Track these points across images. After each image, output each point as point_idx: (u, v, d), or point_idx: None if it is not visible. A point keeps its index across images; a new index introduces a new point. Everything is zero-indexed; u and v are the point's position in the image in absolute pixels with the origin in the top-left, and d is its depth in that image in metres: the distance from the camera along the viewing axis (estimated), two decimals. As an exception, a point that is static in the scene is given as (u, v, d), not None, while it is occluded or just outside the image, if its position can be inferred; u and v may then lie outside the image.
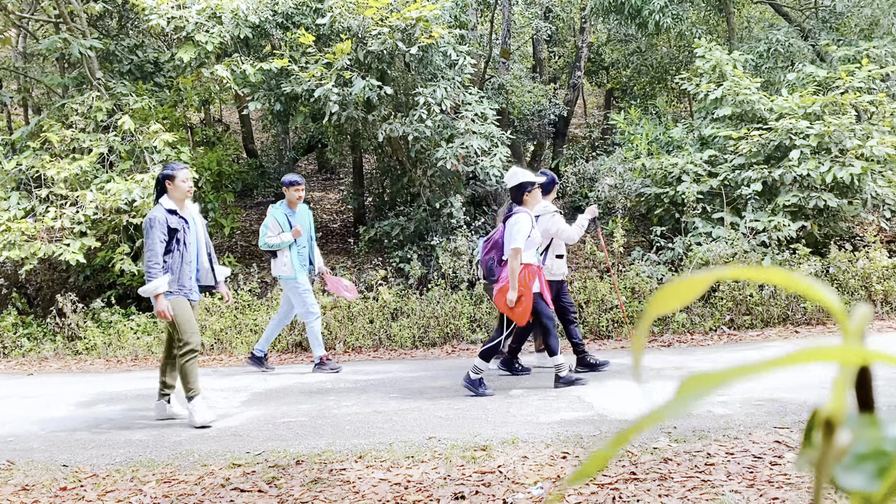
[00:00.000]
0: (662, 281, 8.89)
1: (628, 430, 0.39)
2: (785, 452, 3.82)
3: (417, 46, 9.36)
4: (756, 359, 0.40)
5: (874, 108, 9.44)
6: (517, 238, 5.53)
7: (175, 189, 5.33)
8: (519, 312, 5.57)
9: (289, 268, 7.09)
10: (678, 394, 0.38)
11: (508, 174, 5.95)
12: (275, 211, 7.22)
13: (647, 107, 14.06)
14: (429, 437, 4.62)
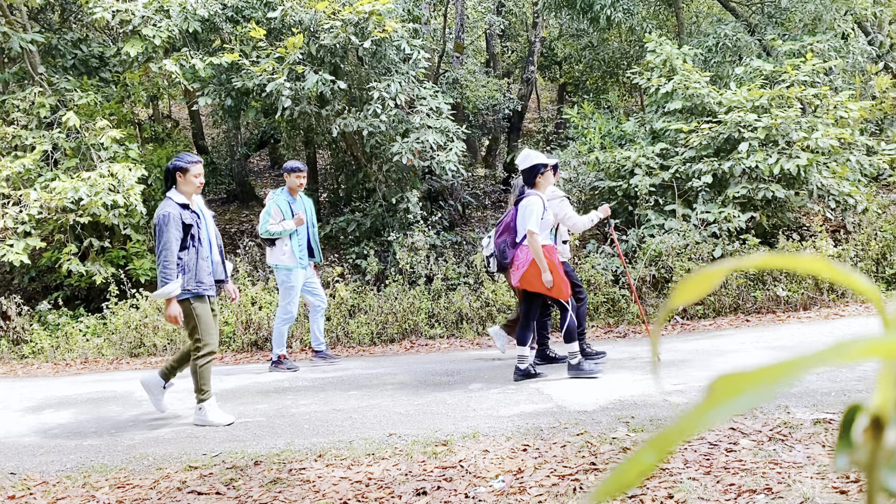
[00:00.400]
0: (616, 273, 9.01)
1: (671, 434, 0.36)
2: (740, 439, 3.90)
3: (371, 40, 9.29)
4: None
5: (819, 102, 9.69)
6: (531, 220, 5.54)
7: (186, 183, 5.13)
8: (556, 291, 5.59)
9: (287, 257, 6.91)
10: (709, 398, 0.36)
11: (521, 156, 5.90)
12: (277, 198, 6.99)
13: (599, 101, 14.21)
14: (389, 433, 4.59)
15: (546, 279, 5.49)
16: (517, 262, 5.69)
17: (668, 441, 0.36)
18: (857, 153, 9.60)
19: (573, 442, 4.10)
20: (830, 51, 10.41)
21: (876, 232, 9.20)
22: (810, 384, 4.89)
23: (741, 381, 0.35)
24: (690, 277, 0.41)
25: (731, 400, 0.35)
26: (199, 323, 5.10)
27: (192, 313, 5.08)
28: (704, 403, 0.36)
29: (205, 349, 5.11)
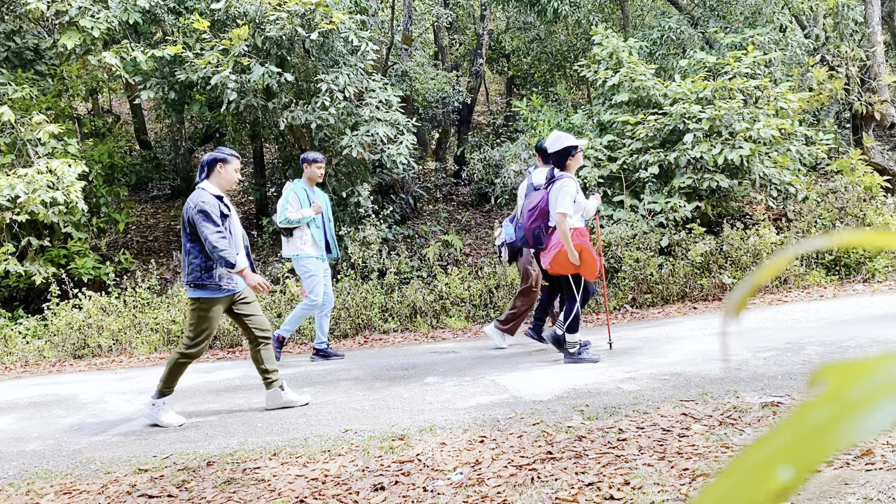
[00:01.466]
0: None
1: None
2: (692, 424, 3.97)
3: (318, 32, 9.16)
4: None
5: (760, 93, 9.93)
6: (565, 203, 5.52)
7: (225, 175, 5.05)
8: (585, 269, 5.60)
9: (308, 246, 6.76)
10: (830, 390, 0.31)
11: (551, 138, 5.81)
12: (294, 186, 6.82)
13: (548, 94, 14.32)
14: (345, 429, 4.55)
15: (573, 258, 5.52)
16: (550, 245, 5.70)
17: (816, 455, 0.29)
18: (797, 143, 9.88)
19: (529, 432, 4.12)
20: (770, 43, 10.68)
21: (816, 219, 9.50)
22: (757, 369, 5.02)
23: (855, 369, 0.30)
24: (774, 261, 0.38)
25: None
26: (204, 326, 4.98)
27: (205, 314, 4.97)
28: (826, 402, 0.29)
29: (191, 351, 4.98)
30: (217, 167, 5.04)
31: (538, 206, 5.79)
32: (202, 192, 4.98)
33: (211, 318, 4.99)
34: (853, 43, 12.43)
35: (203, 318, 4.97)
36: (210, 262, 4.93)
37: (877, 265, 9.03)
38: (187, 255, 4.98)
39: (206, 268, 4.93)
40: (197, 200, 4.91)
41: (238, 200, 14.29)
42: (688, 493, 2.93)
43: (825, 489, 2.70)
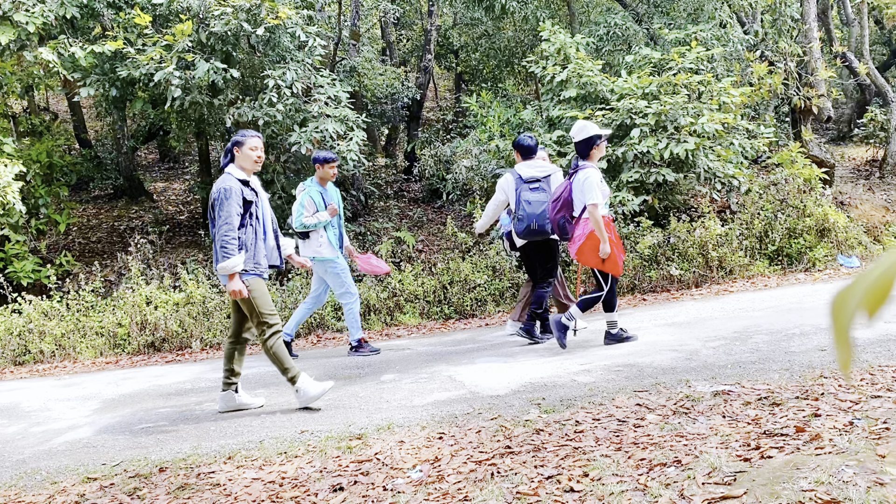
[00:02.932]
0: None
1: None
2: (646, 414, 4.03)
3: (264, 27, 9.01)
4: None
5: (703, 88, 10.15)
6: (594, 193, 5.55)
7: (243, 157, 4.89)
8: (610, 264, 5.64)
9: (326, 248, 6.64)
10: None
11: (577, 127, 5.83)
12: (310, 189, 6.69)
13: (497, 90, 14.37)
14: (301, 430, 4.48)
15: (604, 250, 5.55)
16: (576, 236, 5.72)
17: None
18: (740, 137, 10.12)
19: (488, 427, 4.13)
20: (712, 39, 10.91)
21: (758, 211, 9.75)
22: (707, 358, 5.12)
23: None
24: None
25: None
26: (260, 302, 4.86)
27: (251, 294, 4.83)
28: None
29: (269, 330, 4.88)
30: (234, 151, 4.94)
31: (562, 197, 5.83)
32: (227, 176, 4.86)
33: (257, 295, 4.86)
34: (790, 39, 12.80)
35: (255, 297, 4.85)
36: (241, 246, 4.82)
37: (817, 255, 9.32)
38: (213, 242, 4.87)
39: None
40: (220, 186, 4.79)
41: (183, 200, 13.99)
42: (646, 483, 2.96)
43: (778, 475, 2.76)
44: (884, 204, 11.50)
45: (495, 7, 11.80)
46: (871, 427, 3.25)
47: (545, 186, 6.22)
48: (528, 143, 6.42)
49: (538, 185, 6.24)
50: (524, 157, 6.44)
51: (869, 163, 13.74)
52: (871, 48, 14.25)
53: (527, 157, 6.42)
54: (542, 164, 6.38)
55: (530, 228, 6.18)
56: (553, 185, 6.24)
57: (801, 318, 6.18)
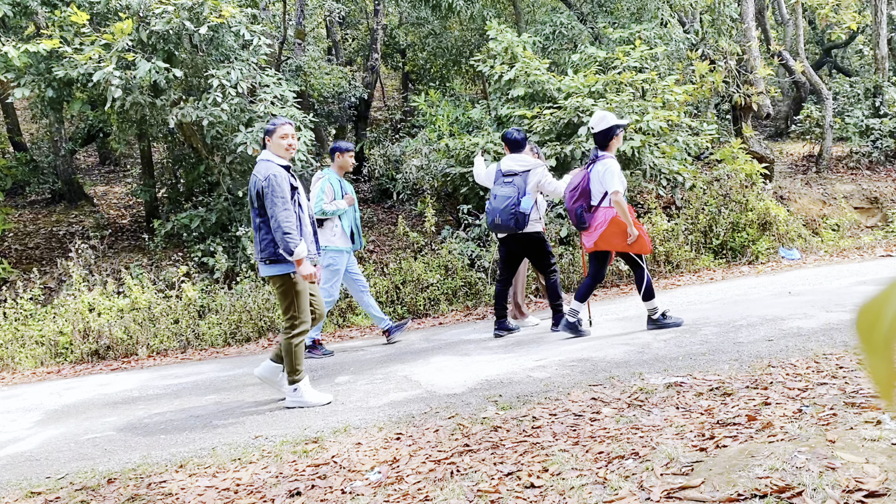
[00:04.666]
0: (472, 257, 9.16)
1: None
2: (602, 408, 4.06)
3: (207, 26, 8.82)
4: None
5: (647, 86, 10.32)
6: (615, 181, 5.67)
7: (275, 146, 4.84)
8: (639, 246, 5.77)
9: (339, 238, 6.54)
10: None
11: (597, 118, 5.89)
12: (329, 176, 6.58)
13: (445, 89, 14.37)
14: (255, 436, 4.39)
15: (632, 233, 5.68)
16: (594, 224, 5.79)
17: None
18: (683, 134, 10.33)
19: (445, 426, 4.11)
20: (656, 38, 11.11)
21: (703, 206, 9.97)
22: (659, 351, 5.20)
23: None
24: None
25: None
26: (298, 299, 4.83)
27: (294, 288, 4.79)
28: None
29: (300, 327, 4.85)
30: (266, 141, 4.89)
31: (580, 186, 5.88)
32: (269, 163, 4.77)
33: (299, 290, 4.83)
34: (730, 38, 13.12)
35: (289, 290, 4.81)
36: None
37: (760, 248, 9.57)
38: (258, 231, 4.79)
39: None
40: (267, 173, 4.69)
41: (125, 204, 13.61)
42: (606, 476, 2.98)
43: (734, 463, 2.81)
44: (821, 197, 11.88)
45: (442, 6, 11.79)
46: (819, 413, 3.33)
47: (519, 182, 6.25)
48: (515, 136, 6.47)
49: (512, 179, 6.29)
50: (511, 150, 6.49)
51: (806, 158, 14.18)
52: (805, 47, 14.72)
53: (513, 151, 6.48)
54: (525, 159, 6.40)
55: (494, 222, 6.28)
56: (531, 180, 6.28)
57: (747, 309, 6.33)
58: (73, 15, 8.51)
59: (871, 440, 2.80)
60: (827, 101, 13.21)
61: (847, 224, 11.07)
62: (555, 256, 6.59)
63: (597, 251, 5.96)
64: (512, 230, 6.27)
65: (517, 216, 6.14)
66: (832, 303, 6.07)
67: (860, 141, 13.12)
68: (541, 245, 6.47)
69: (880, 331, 0.36)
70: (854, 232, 11.00)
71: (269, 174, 4.68)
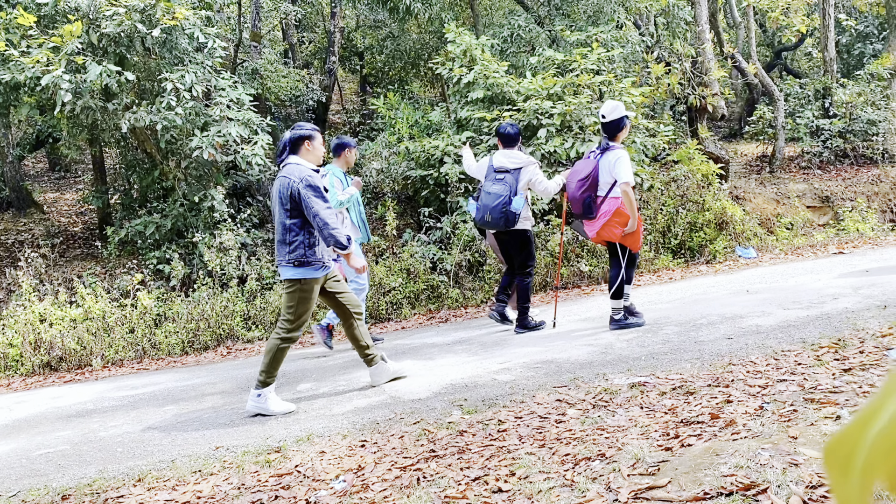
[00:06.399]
0: (434, 260, 9.12)
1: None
2: (567, 409, 4.06)
3: (160, 28, 8.64)
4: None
5: (605, 88, 10.41)
6: (627, 172, 5.71)
7: (313, 151, 4.92)
8: (631, 240, 5.85)
9: (350, 230, 6.47)
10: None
11: (609, 107, 5.90)
12: (335, 170, 6.50)
13: (404, 91, 14.31)
14: (216, 447, 4.29)
15: (631, 225, 5.75)
16: (599, 214, 5.85)
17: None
18: (641, 135, 10.44)
19: (411, 431, 4.07)
20: (612, 41, 11.22)
21: (661, 206, 10.09)
22: (622, 351, 5.23)
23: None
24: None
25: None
26: (305, 308, 4.88)
27: (307, 295, 4.85)
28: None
29: (291, 334, 4.90)
30: (304, 144, 4.90)
31: (589, 176, 5.88)
32: (298, 167, 4.80)
33: (311, 298, 4.88)
34: (684, 41, 13.33)
35: (304, 299, 4.85)
36: (313, 238, 4.77)
37: (717, 247, 9.73)
38: (287, 233, 4.79)
39: (310, 244, 4.79)
40: (303, 174, 4.74)
41: (77, 211, 13.26)
42: (573, 479, 2.97)
43: (699, 462, 2.83)
44: (774, 197, 12.13)
45: (399, 9, 11.74)
46: (779, 410, 3.37)
47: (510, 179, 6.24)
48: (509, 131, 6.41)
49: (503, 176, 6.27)
50: (504, 145, 6.46)
51: (760, 158, 14.48)
52: (756, 50, 15.02)
53: (506, 146, 6.43)
54: (517, 156, 6.36)
55: (483, 219, 6.29)
56: (523, 178, 6.27)
57: (706, 308, 6.41)
58: (20, 17, 8.25)
59: (832, 435, 2.84)
60: (779, 103, 13.51)
61: (800, 223, 11.32)
62: (535, 259, 6.60)
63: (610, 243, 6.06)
64: (501, 228, 6.31)
65: (507, 215, 6.16)
66: (789, 300, 6.18)
67: (811, 141, 13.44)
68: (526, 242, 6.47)
69: (854, 471, 0.32)
70: (807, 230, 11.26)
71: (305, 175, 4.74)
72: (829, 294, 6.16)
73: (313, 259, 4.80)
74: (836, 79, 14.01)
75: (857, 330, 4.74)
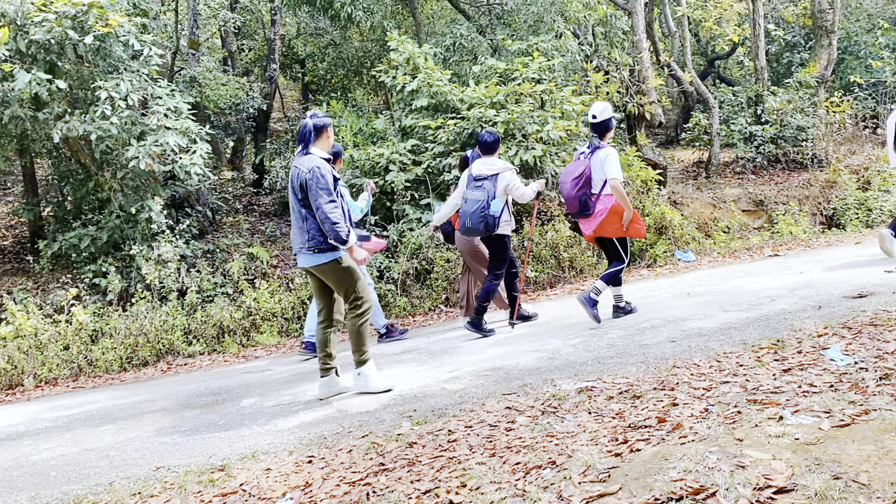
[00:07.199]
0: (381, 268, 9.05)
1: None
2: (517, 417, 4.05)
3: (92, 35, 8.38)
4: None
5: (547, 97, 10.53)
6: (616, 168, 5.93)
7: (327, 141, 5.03)
8: (634, 229, 6.10)
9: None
10: None
11: (599, 108, 6.13)
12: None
13: (347, 99, 14.21)
14: (156, 467, 4.14)
15: (627, 216, 5.99)
16: (596, 211, 6.06)
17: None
18: (582, 144, 10.58)
19: (359, 445, 4.00)
20: (553, 50, 11.36)
21: (603, 213, 10.22)
22: (569, 356, 5.26)
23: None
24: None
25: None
26: (354, 279, 4.98)
27: (345, 270, 4.94)
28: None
29: (364, 306, 5.00)
30: (324, 133, 5.00)
31: (583, 174, 6.07)
32: (312, 157, 4.88)
33: (352, 268, 4.98)
34: (622, 50, 13.59)
35: (346, 272, 4.95)
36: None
37: (657, 251, 9.91)
38: (303, 221, 4.88)
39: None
40: (311, 165, 4.81)
41: (6, 224, 12.73)
42: (525, 488, 2.96)
43: (649, 467, 2.85)
44: (711, 202, 12.45)
45: (341, 16, 11.65)
46: (724, 412, 3.43)
47: (488, 185, 6.39)
48: (487, 139, 6.57)
49: (481, 183, 6.42)
50: (483, 153, 6.59)
51: (696, 164, 14.85)
52: (691, 58, 15.42)
53: (485, 154, 6.58)
54: (494, 163, 6.51)
55: (465, 226, 6.43)
56: (500, 183, 6.41)
57: (649, 311, 6.51)
58: (-59, 22, 7.89)
59: (776, 436, 2.90)
60: (714, 110, 13.89)
61: (736, 226, 11.64)
62: (507, 264, 6.71)
63: (602, 238, 6.24)
64: (482, 234, 6.45)
65: (486, 219, 6.32)
66: (728, 302, 6.33)
67: (744, 147, 13.84)
68: (502, 246, 6.59)
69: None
70: (743, 233, 11.58)
71: (313, 166, 4.80)
72: (766, 296, 6.33)
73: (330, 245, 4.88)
74: (767, 86, 14.48)
75: (794, 330, 4.87)
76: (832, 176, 12.70)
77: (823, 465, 2.57)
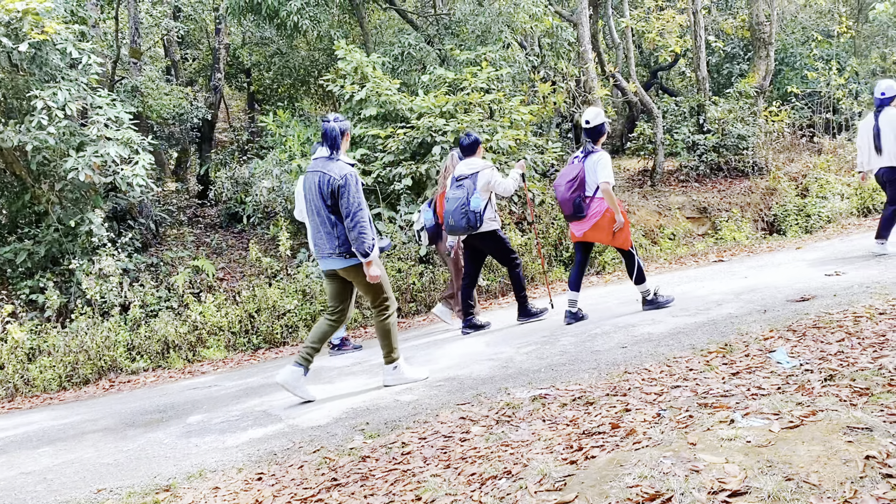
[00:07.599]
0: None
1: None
2: (471, 427, 4.02)
3: (27, 43, 8.10)
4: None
5: (495, 107, 10.58)
6: (607, 171, 6.08)
7: (347, 143, 5.01)
8: (622, 238, 6.21)
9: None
10: None
11: (593, 113, 6.27)
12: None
13: (294, 109, 14.05)
14: (97, 489, 3.97)
15: (619, 220, 6.12)
16: (589, 214, 6.18)
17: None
18: (531, 152, 10.67)
19: (311, 460, 3.91)
20: (500, 60, 11.43)
21: (552, 221, 10.32)
22: (522, 364, 5.26)
23: None
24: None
25: None
26: (384, 282, 5.06)
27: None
28: None
29: (391, 307, 5.12)
30: (347, 136, 5.00)
31: (577, 177, 6.20)
32: (340, 163, 4.87)
33: (382, 271, 5.02)
34: (568, 61, 13.77)
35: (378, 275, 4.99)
36: None
37: (606, 259, 10.02)
38: (333, 227, 4.89)
39: None
40: (344, 171, 4.82)
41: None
42: (481, 500, 2.92)
43: (604, 474, 2.84)
44: (656, 209, 12.67)
45: (287, 25, 11.50)
46: (676, 416, 3.45)
47: (468, 184, 6.54)
48: (465, 142, 6.78)
49: (462, 182, 6.58)
50: (464, 154, 6.79)
51: (641, 173, 15.11)
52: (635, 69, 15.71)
53: (466, 155, 6.78)
54: (474, 163, 6.69)
55: (448, 224, 6.62)
56: (480, 181, 6.56)
57: (600, 317, 6.56)
58: None
59: (728, 439, 2.92)
60: (658, 120, 14.16)
61: (682, 233, 11.86)
62: (513, 252, 6.92)
63: (584, 242, 6.44)
64: (466, 230, 6.57)
65: (468, 215, 6.45)
66: (677, 308, 6.41)
67: (688, 156, 14.14)
68: (500, 241, 6.80)
69: None
70: (688, 240, 11.81)
71: (346, 173, 4.82)
72: (713, 300, 6.44)
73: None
74: (709, 96, 14.84)
75: (741, 334, 4.95)
76: (772, 183, 13.06)
77: (775, 467, 2.59)
